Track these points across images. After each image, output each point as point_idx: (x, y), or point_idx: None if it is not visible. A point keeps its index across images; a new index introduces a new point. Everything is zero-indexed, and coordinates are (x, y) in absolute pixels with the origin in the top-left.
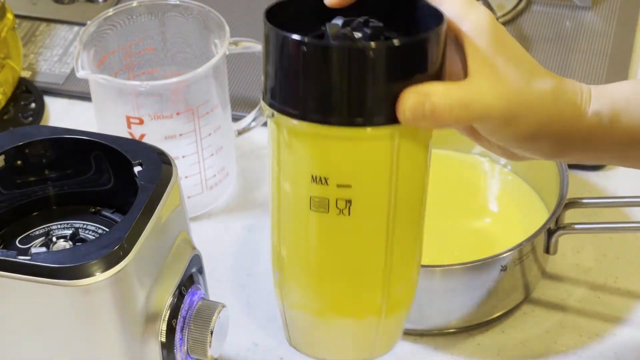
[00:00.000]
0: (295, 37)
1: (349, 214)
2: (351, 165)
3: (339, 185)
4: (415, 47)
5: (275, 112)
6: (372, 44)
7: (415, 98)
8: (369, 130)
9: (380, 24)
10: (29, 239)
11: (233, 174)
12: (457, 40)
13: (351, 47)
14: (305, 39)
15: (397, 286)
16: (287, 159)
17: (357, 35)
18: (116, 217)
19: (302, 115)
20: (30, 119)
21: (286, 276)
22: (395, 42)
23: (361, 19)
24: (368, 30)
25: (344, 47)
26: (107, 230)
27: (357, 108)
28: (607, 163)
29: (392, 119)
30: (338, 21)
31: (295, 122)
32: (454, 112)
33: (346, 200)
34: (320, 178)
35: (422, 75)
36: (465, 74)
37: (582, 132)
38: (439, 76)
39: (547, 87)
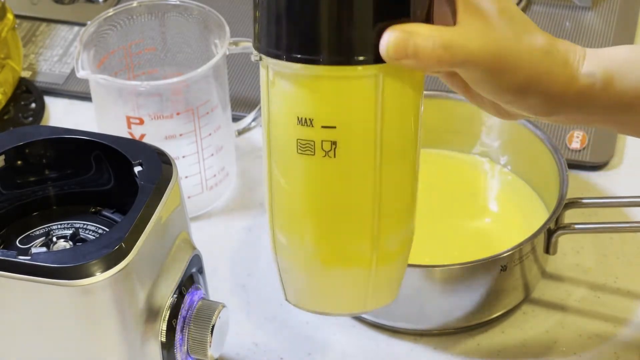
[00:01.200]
0: None
1: (335, 156)
2: (335, 106)
3: (323, 127)
4: None
5: (261, 55)
6: None
7: (399, 35)
8: (351, 69)
9: None
10: (29, 239)
11: (233, 174)
12: None
13: None
14: None
15: (388, 235)
16: (274, 101)
17: None
18: (116, 217)
19: (285, 55)
20: (30, 119)
21: (277, 224)
22: None
23: None
24: None
25: None
26: (107, 230)
27: (339, 47)
28: (600, 126)
29: (376, 59)
30: None
31: (278, 63)
32: (436, 52)
33: (331, 142)
34: (305, 120)
35: (408, 18)
36: (455, 24)
37: (573, 93)
38: (425, 12)
39: (539, 43)
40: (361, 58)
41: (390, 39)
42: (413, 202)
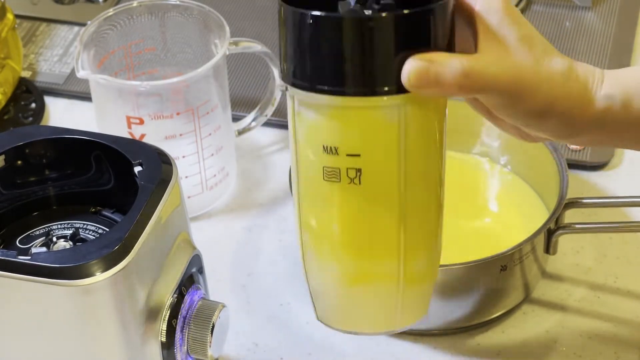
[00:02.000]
0: (301, 11)
1: (360, 183)
2: (359, 135)
3: (348, 155)
4: (422, 17)
5: (288, 86)
6: (376, 14)
7: (420, 63)
8: (375, 99)
9: (391, 1)
10: (29, 239)
11: (233, 174)
12: (469, 19)
13: (353, 17)
14: (311, 12)
15: (415, 256)
16: (300, 130)
17: (367, 12)
18: (116, 217)
19: (310, 87)
20: (31, 119)
21: (306, 247)
22: (401, 12)
23: None
24: (377, 7)
25: (345, 18)
26: (107, 230)
27: (363, 78)
28: (622, 146)
29: (398, 89)
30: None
31: (303, 94)
32: (456, 79)
33: (356, 170)
34: (331, 148)
35: (429, 47)
36: (475, 51)
37: (592, 115)
38: (447, 42)
39: (558, 67)
40: (385, 89)
41: (412, 68)
42: (439, 223)
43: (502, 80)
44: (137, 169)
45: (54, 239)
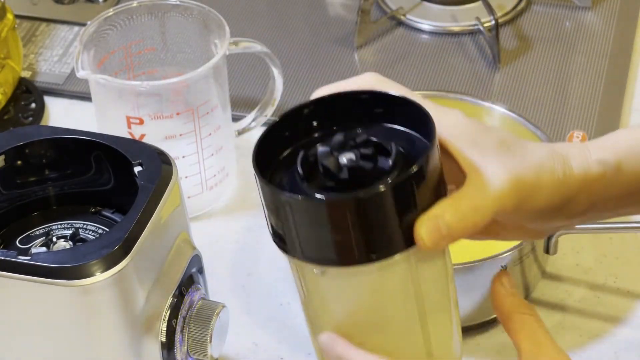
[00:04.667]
0: (289, 195)
1: (382, 332)
2: (373, 294)
3: (363, 310)
4: (417, 176)
5: (289, 256)
6: (375, 189)
7: (429, 224)
8: (384, 261)
9: (370, 149)
10: (29, 239)
11: (233, 174)
12: (441, 145)
13: (344, 200)
14: (298, 197)
15: None
16: (310, 296)
17: (349, 157)
18: (116, 217)
19: (317, 261)
20: (30, 119)
21: None
22: (397, 178)
23: (349, 137)
24: (357, 154)
25: (339, 201)
26: (107, 230)
27: (373, 245)
28: (623, 212)
29: (407, 244)
30: (325, 148)
31: (309, 266)
32: (468, 221)
33: (372, 321)
34: (343, 309)
35: (427, 197)
36: (462, 172)
37: (588, 185)
38: (440, 185)
39: (544, 153)
40: (391, 250)
41: (423, 232)
42: (457, 336)
43: (507, 195)
44: (137, 169)
45: (54, 239)
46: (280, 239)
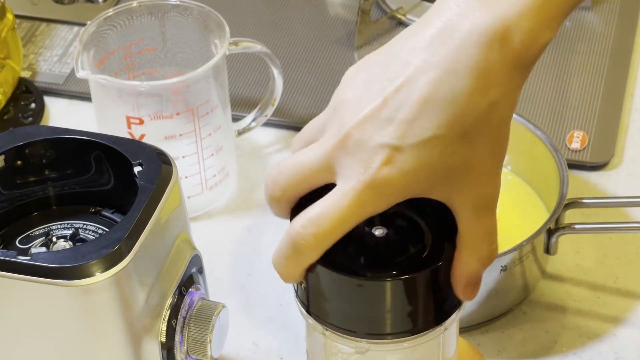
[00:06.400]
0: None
1: None
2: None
3: None
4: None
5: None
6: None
7: (475, 286)
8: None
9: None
10: (29, 239)
11: (233, 174)
12: None
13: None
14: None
15: None
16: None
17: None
18: (116, 217)
19: (360, 336)
20: (30, 119)
21: None
22: (438, 262)
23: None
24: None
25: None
26: (107, 230)
27: (420, 322)
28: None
29: (438, 321)
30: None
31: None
32: (493, 254)
33: None
34: None
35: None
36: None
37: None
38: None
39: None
40: (427, 325)
41: (470, 293)
42: None
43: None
44: (137, 169)
45: (54, 239)
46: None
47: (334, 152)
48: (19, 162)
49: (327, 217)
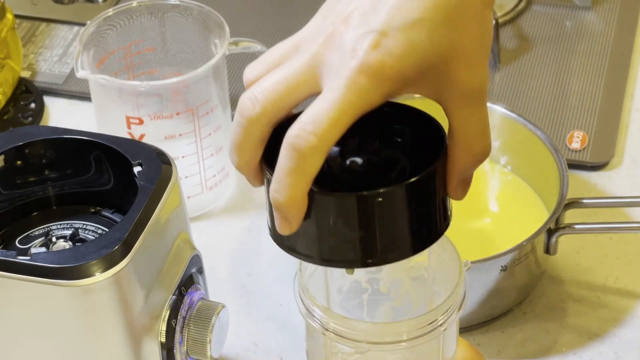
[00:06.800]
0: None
1: None
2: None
3: None
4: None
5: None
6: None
7: (463, 184)
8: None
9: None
10: (28, 239)
11: (233, 174)
12: None
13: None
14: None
15: None
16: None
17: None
18: (116, 217)
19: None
20: (30, 119)
21: None
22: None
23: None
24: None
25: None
26: (107, 230)
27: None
28: None
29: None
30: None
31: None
32: (485, 154)
33: None
34: None
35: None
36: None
37: None
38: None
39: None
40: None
41: (461, 192)
42: None
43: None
44: (136, 169)
45: (54, 239)
46: (361, 257)
47: (319, 54)
48: (18, 162)
49: (324, 114)
